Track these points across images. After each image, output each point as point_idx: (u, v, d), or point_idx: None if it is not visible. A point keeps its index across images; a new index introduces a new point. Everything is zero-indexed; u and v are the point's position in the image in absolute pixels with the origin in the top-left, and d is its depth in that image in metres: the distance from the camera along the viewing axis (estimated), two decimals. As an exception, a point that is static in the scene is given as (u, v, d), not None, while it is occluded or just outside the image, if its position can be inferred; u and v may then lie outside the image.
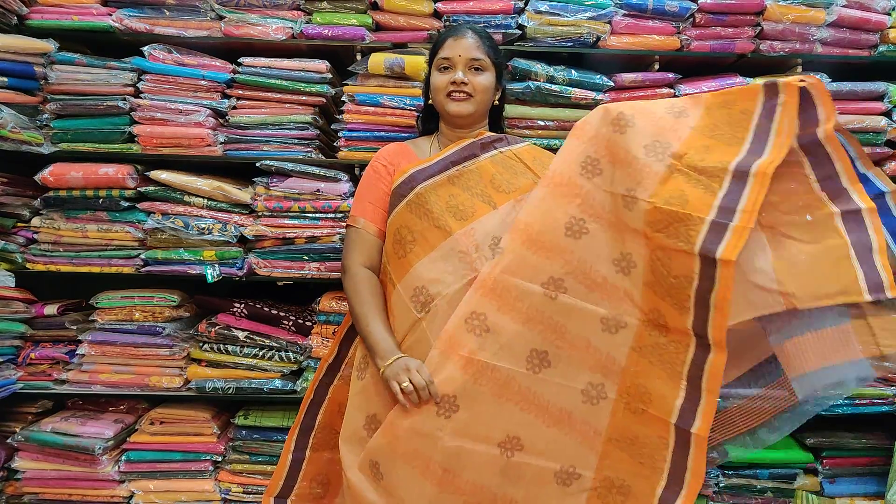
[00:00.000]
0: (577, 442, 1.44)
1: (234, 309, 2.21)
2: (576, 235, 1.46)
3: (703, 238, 1.29)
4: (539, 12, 2.15)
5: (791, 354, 1.27)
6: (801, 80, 1.37)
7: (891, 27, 2.20)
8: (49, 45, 2.08)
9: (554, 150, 2.13)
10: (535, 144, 1.78)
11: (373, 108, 2.18)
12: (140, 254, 2.18)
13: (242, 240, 2.21)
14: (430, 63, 1.75)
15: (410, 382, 1.41)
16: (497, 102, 1.79)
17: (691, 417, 1.34)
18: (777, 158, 1.31)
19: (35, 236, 2.18)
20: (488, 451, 1.42)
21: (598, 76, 2.19)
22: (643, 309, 1.44)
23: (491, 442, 1.42)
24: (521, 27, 2.18)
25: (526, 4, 2.17)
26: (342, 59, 2.26)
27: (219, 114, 2.18)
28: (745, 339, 1.38)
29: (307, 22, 2.19)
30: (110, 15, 2.13)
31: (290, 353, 2.21)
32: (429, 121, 1.86)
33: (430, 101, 1.77)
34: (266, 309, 2.24)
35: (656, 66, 2.23)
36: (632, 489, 1.42)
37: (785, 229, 1.30)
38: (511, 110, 2.17)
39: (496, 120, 1.86)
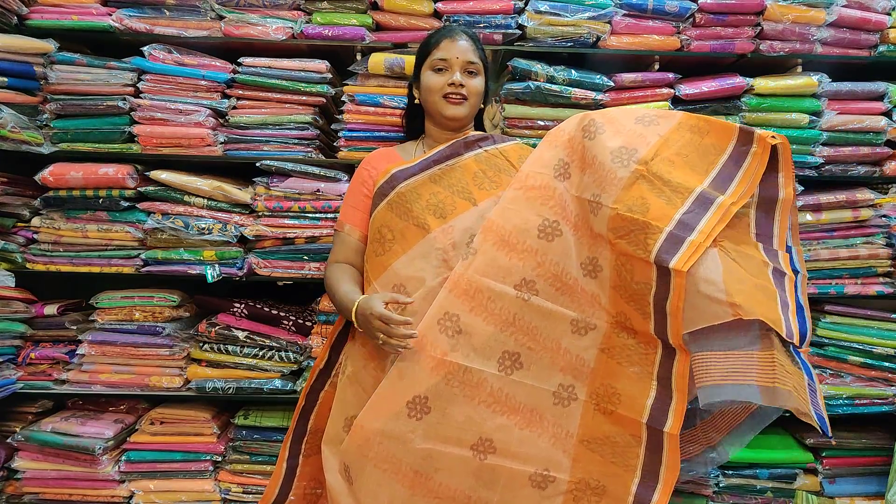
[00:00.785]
0: (549, 444, 1.45)
1: (234, 309, 2.21)
2: (548, 237, 1.47)
3: (659, 247, 1.34)
4: (539, 12, 2.15)
5: (701, 366, 1.34)
6: (773, 138, 1.43)
7: (891, 27, 2.20)
8: (49, 45, 2.08)
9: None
10: (522, 143, 1.77)
11: (373, 108, 2.18)
12: (140, 254, 2.18)
13: (242, 240, 2.21)
14: (418, 62, 1.73)
15: (381, 334, 1.39)
16: (482, 105, 1.79)
17: (663, 417, 1.37)
18: (739, 202, 1.39)
19: (35, 236, 2.19)
20: (461, 454, 1.41)
21: (598, 76, 2.19)
22: (610, 312, 1.46)
23: (463, 444, 1.42)
24: (521, 27, 2.18)
25: (526, 4, 2.17)
26: (342, 59, 2.26)
27: (219, 114, 2.18)
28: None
29: (307, 22, 2.18)
30: (110, 15, 2.13)
31: (290, 354, 2.21)
32: (413, 119, 1.85)
33: (416, 101, 1.77)
34: (266, 309, 2.24)
35: (656, 66, 2.23)
36: (607, 489, 1.43)
37: (733, 254, 1.37)
38: (511, 110, 2.18)
39: (479, 120, 1.86)
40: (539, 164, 1.54)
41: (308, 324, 2.24)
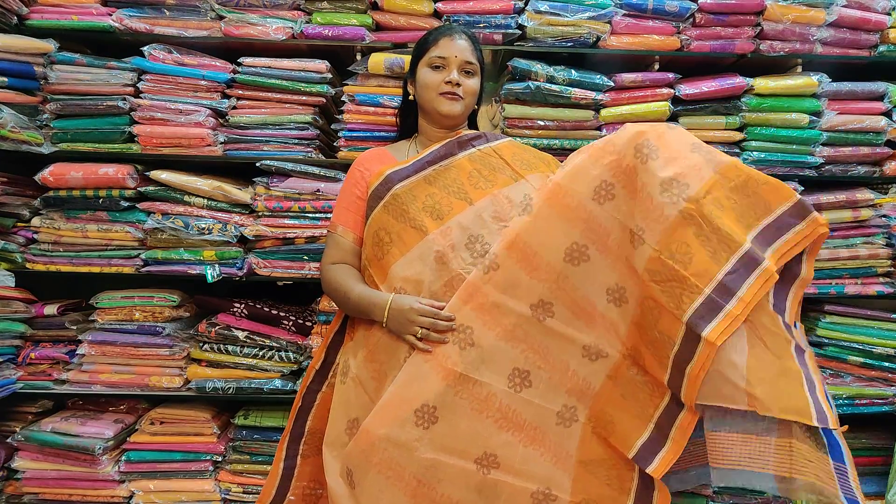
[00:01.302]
0: (552, 463, 1.44)
1: (234, 309, 2.21)
2: (574, 262, 1.43)
3: (695, 310, 1.28)
4: (539, 12, 2.15)
5: (717, 446, 1.33)
6: (824, 226, 1.35)
7: (891, 27, 2.21)
8: (49, 45, 2.08)
9: (553, 150, 2.14)
10: (514, 140, 1.77)
11: (373, 108, 2.18)
12: (140, 254, 2.18)
13: (242, 240, 2.21)
14: (415, 59, 1.72)
15: (420, 328, 1.42)
16: (476, 106, 1.79)
17: (651, 457, 1.37)
18: (776, 269, 1.31)
19: (35, 236, 2.19)
20: (465, 466, 1.41)
21: (598, 76, 2.19)
22: (626, 344, 1.44)
23: (468, 457, 1.41)
24: (521, 27, 2.18)
25: (526, 4, 2.17)
26: (342, 59, 2.26)
27: (219, 114, 2.18)
28: None
29: (307, 22, 2.19)
30: (110, 15, 2.14)
31: (290, 353, 2.21)
32: (406, 117, 1.84)
33: (410, 97, 1.76)
34: (266, 309, 2.24)
35: (656, 66, 2.23)
36: None
37: (760, 332, 1.32)
38: (511, 110, 2.18)
39: (473, 121, 1.85)
40: (579, 181, 1.45)
41: (308, 324, 2.24)
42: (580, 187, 1.44)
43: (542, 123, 2.18)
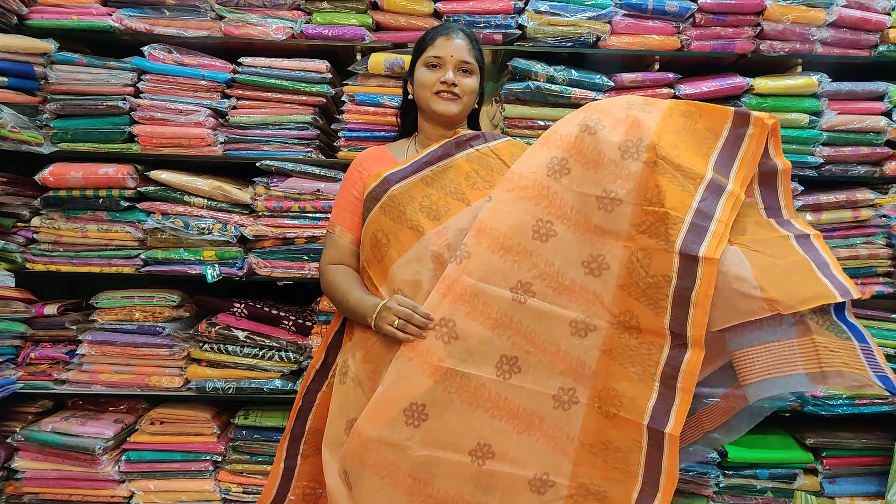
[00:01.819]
0: (549, 448, 1.44)
1: (234, 309, 2.21)
2: (543, 238, 1.46)
3: (683, 237, 1.34)
4: (539, 12, 2.15)
5: (743, 364, 1.34)
6: (771, 118, 1.44)
7: (891, 27, 2.21)
8: (49, 45, 2.08)
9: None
10: (514, 140, 1.77)
11: (373, 108, 2.18)
12: (140, 254, 2.18)
13: (242, 240, 2.21)
14: (414, 58, 1.72)
15: (397, 318, 1.42)
16: (476, 105, 1.78)
17: (665, 417, 1.36)
18: (743, 187, 1.41)
19: (35, 236, 2.19)
20: (459, 460, 1.41)
21: (598, 76, 2.19)
22: (613, 311, 1.44)
23: (462, 450, 1.41)
24: (521, 27, 2.18)
25: (526, 4, 2.17)
26: (342, 59, 2.26)
27: (219, 114, 2.18)
28: (713, 342, 1.39)
29: (307, 22, 2.19)
30: (110, 15, 2.14)
31: (290, 353, 2.21)
32: (407, 116, 1.84)
33: (409, 97, 1.76)
34: (266, 309, 2.24)
35: (656, 66, 2.23)
36: (608, 495, 1.42)
37: (753, 245, 1.37)
38: (511, 110, 2.18)
39: (474, 120, 1.85)
40: (531, 165, 1.52)
41: (308, 324, 2.24)
42: (532, 169, 1.50)
43: (542, 123, 2.18)
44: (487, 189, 1.58)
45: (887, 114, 2.23)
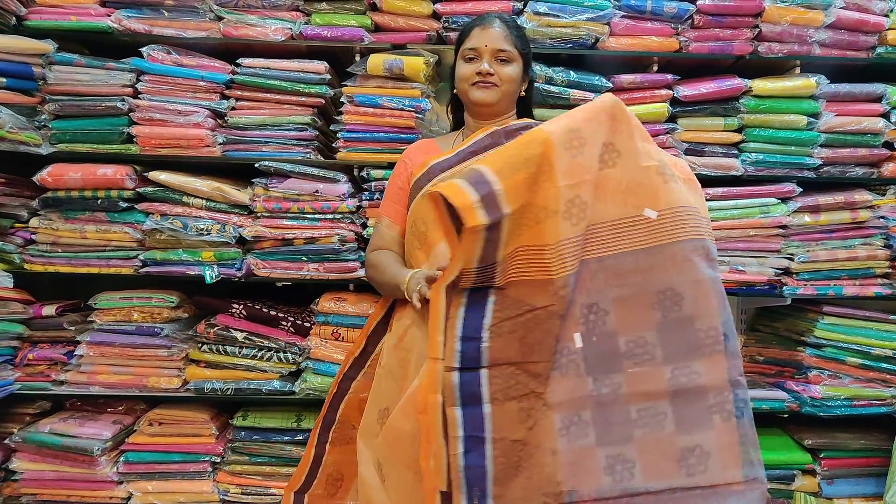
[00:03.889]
0: None
1: (233, 310, 2.21)
2: None
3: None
4: (538, 14, 2.15)
5: None
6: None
7: (889, 29, 2.21)
8: (48, 46, 2.08)
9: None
10: None
11: (372, 110, 2.18)
12: (139, 254, 2.18)
13: (241, 241, 2.21)
14: (455, 53, 1.70)
15: (421, 287, 1.36)
16: (524, 93, 1.74)
17: None
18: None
19: (33, 237, 2.18)
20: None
21: (597, 77, 2.19)
22: None
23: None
24: (519, 28, 2.18)
25: (525, 6, 2.18)
26: (341, 60, 2.26)
27: (217, 114, 2.18)
28: None
29: (306, 23, 2.19)
30: (109, 15, 2.13)
31: (289, 354, 2.21)
32: (456, 112, 1.83)
33: (455, 92, 1.74)
34: (265, 310, 2.24)
35: (655, 68, 2.23)
36: None
37: None
38: (510, 111, 2.18)
39: (525, 111, 1.79)
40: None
41: (307, 325, 2.24)
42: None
43: (540, 124, 2.18)
44: None
45: (885, 115, 2.24)
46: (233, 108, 2.19)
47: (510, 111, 1.73)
